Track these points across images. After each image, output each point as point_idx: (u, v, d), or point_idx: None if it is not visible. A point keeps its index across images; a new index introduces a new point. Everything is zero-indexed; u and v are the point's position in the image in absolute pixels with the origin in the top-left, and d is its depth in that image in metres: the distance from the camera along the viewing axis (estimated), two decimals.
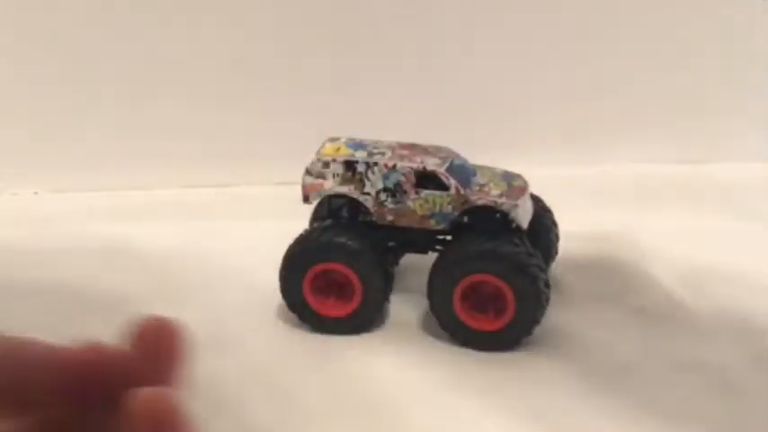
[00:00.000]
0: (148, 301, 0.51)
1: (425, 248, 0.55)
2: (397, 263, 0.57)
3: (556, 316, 0.54)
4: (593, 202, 0.72)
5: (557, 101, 0.77)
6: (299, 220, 0.56)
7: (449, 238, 0.54)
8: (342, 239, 0.51)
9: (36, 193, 0.77)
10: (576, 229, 0.67)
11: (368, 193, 0.52)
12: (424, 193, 0.51)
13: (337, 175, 0.52)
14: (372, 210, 0.52)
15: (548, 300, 0.50)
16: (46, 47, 0.73)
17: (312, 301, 0.52)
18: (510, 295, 0.49)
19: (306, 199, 0.53)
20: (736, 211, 0.69)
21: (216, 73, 0.75)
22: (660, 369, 0.50)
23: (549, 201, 0.72)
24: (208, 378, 0.39)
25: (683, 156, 0.77)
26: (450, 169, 0.52)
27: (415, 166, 0.51)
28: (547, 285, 0.50)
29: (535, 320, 0.50)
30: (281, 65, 0.75)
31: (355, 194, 0.52)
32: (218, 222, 0.69)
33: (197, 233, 0.66)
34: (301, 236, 0.52)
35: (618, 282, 0.61)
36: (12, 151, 0.76)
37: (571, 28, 0.75)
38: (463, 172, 0.53)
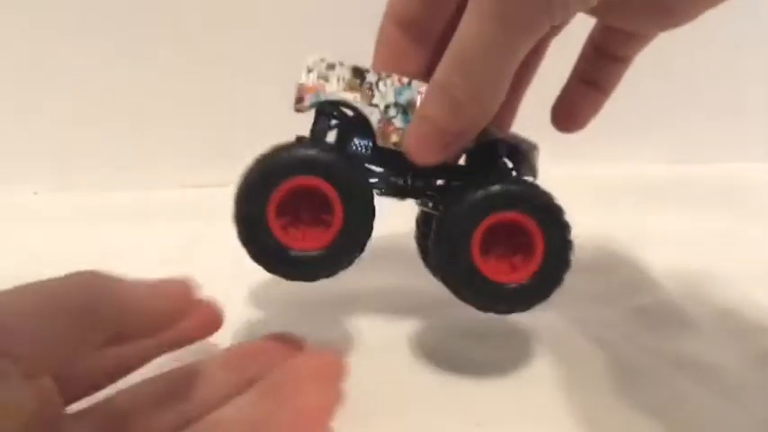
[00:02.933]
0: None
1: (419, 190, 0.46)
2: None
3: (555, 316, 0.54)
4: (592, 202, 0.72)
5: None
6: None
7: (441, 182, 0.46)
8: (317, 151, 0.41)
9: (36, 193, 0.77)
10: (576, 229, 0.67)
11: (375, 105, 0.43)
12: None
13: (343, 79, 0.44)
14: (376, 126, 0.43)
15: (571, 261, 0.44)
16: (45, 46, 0.73)
17: (280, 233, 0.41)
18: (540, 241, 0.43)
19: (299, 101, 0.44)
20: (737, 211, 0.69)
21: (216, 73, 0.75)
22: (660, 369, 0.50)
23: None
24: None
25: (683, 156, 0.78)
26: None
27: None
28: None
29: (559, 278, 0.44)
30: (282, 64, 0.75)
31: (360, 104, 0.43)
32: (218, 222, 0.69)
33: (197, 233, 0.66)
34: (263, 153, 0.42)
35: (618, 282, 0.61)
36: (12, 151, 0.76)
37: (571, 28, 0.75)
38: None
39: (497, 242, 0.43)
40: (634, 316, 0.56)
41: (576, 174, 0.76)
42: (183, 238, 0.65)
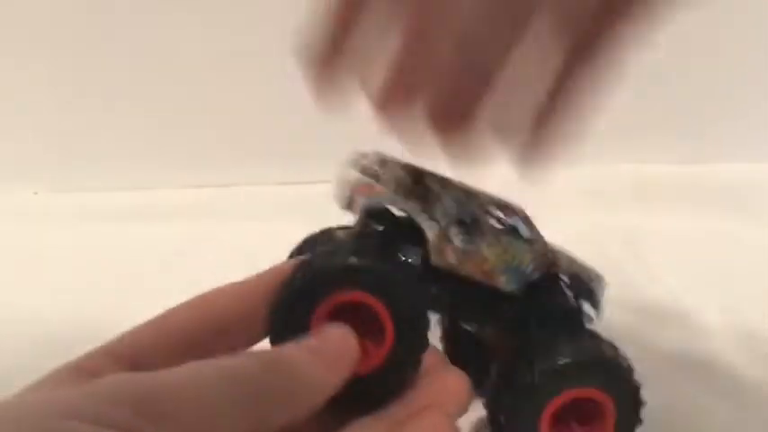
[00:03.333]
0: (149, 300, 0.51)
1: (472, 315, 0.40)
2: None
3: None
4: (593, 202, 0.72)
5: None
6: (300, 220, 0.56)
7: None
8: (369, 261, 0.32)
9: (36, 193, 0.77)
10: (576, 230, 0.67)
11: (436, 220, 0.36)
12: (506, 239, 0.38)
13: (399, 182, 0.37)
14: (432, 242, 0.36)
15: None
16: (46, 46, 0.73)
17: None
18: (611, 414, 0.37)
19: (349, 203, 0.37)
20: (737, 211, 0.69)
21: (216, 73, 0.75)
22: (660, 369, 0.50)
23: (548, 201, 0.72)
24: None
25: (683, 156, 0.77)
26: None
27: (499, 200, 0.39)
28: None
29: None
30: (283, 63, 0.75)
31: (421, 218, 0.36)
32: (218, 222, 0.69)
33: (197, 233, 0.66)
34: (303, 260, 0.33)
35: (618, 282, 0.60)
36: (12, 151, 0.76)
37: None
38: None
39: (570, 417, 0.38)
40: (634, 316, 0.56)
41: (576, 174, 0.76)
42: (183, 238, 0.65)
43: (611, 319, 0.56)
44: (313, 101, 0.32)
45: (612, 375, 0.37)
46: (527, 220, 0.39)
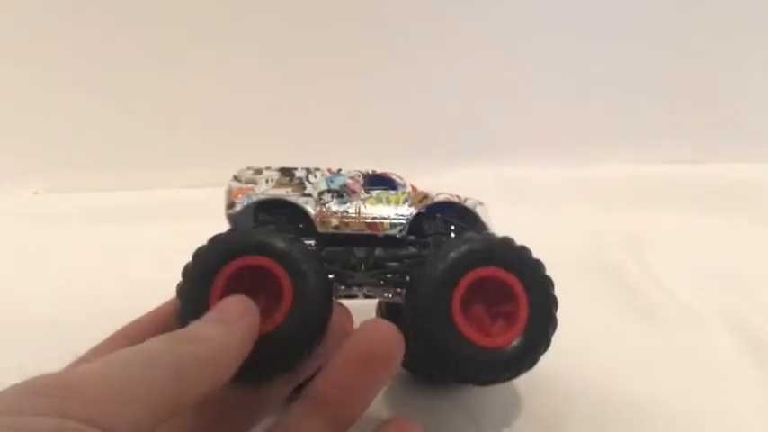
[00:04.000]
0: (149, 300, 0.51)
1: (376, 265, 0.41)
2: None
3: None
4: (593, 202, 0.72)
5: (557, 101, 0.77)
6: None
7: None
8: (267, 234, 0.37)
9: (36, 193, 0.77)
10: (576, 229, 0.67)
11: (309, 195, 0.42)
12: (376, 191, 0.43)
13: (271, 180, 0.43)
14: (314, 213, 0.42)
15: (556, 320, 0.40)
16: (46, 48, 0.73)
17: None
18: (524, 298, 0.38)
19: (231, 206, 0.43)
20: (737, 211, 0.69)
21: (216, 74, 0.75)
22: (660, 369, 0.50)
23: (548, 201, 0.72)
24: None
25: (683, 156, 0.77)
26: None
27: (363, 170, 0.44)
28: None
29: (547, 338, 0.39)
30: (282, 65, 0.75)
31: (293, 197, 0.42)
32: (217, 222, 0.69)
33: (197, 233, 0.66)
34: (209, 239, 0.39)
35: (618, 282, 0.60)
36: (12, 151, 0.76)
37: (571, 28, 0.75)
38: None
39: (478, 306, 0.39)
40: (634, 316, 0.56)
41: (576, 174, 0.76)
42: (183, 238, 0.65)
43: (611, 318, 0.56)
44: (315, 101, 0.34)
45: (509, 255, 0.39)
46: (397, 176, 0.43)
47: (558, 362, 0.48)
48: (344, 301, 0.39)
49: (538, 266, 0.39)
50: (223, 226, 0.41)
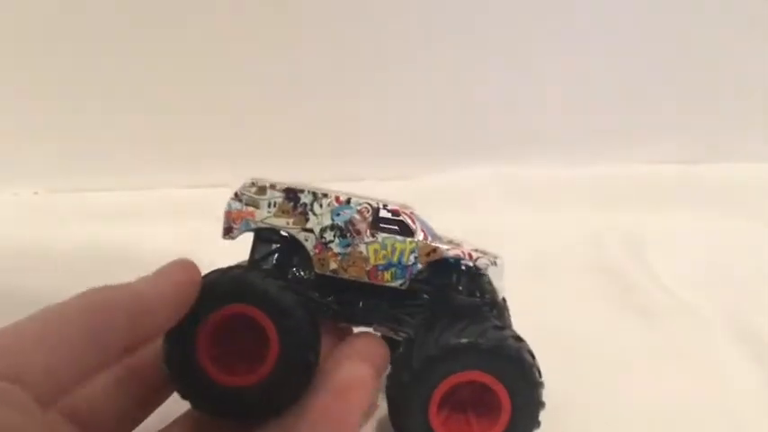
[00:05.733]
0: None
1: (367, 316, 0.41)
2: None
3: (556, 316, 0.54)
4: (593, 202, 0.72)
5: (557, 101, 0.77)
6: None
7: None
8: (256, 276, 0.37)
9: (36, 193, 0.77)
10: (576, 229, 0.68)
11: (310, 230, 0.39)
12: (382, 236, 0.39)
13: (274, 204, 0.40)
14: (312, 252, 0.39)
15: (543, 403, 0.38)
16: (47, 47, 0.73)
17: (209, 366, 0.35)
18: (506, 399, 0.37)
19: (228, 231, 0.40)
20: (737, 211, 0.69)
21: (216, 74, 0.75)
22: (660, 368, 0.50)
23: (548, 201, 0.72)
24: None
25: (683, 156, 0.77)
26: (414, 216, 0.40)
27: (373, 203, 0.40)
28: (540, 375, 0.38)
29: None
30: (282, 65, 0.75)
31: (294, 230, 0.39)
32: (217, 222, 0.69)
33: (197, 233, 0.66)
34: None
35: (618, 281, 0.61)
36: (12, 151, 0.76)
37: (571, 28, 0.75)
38: (426, 224, 0.41)
39: (457, 404, 0.39)
40: (634, 316, 0.56)
41: (576, 174, 0.76)
42: (183, 239, 0.65)
43: (611, 318, 0.56)
44: (316, 101, 0.33)
45: (500, 361, 0.37)
46: (412, 217, 0.40)
47: (558, 361, 0.48)
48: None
49: (528, 369, 0.37)
50: (220, 226, 0.41)
